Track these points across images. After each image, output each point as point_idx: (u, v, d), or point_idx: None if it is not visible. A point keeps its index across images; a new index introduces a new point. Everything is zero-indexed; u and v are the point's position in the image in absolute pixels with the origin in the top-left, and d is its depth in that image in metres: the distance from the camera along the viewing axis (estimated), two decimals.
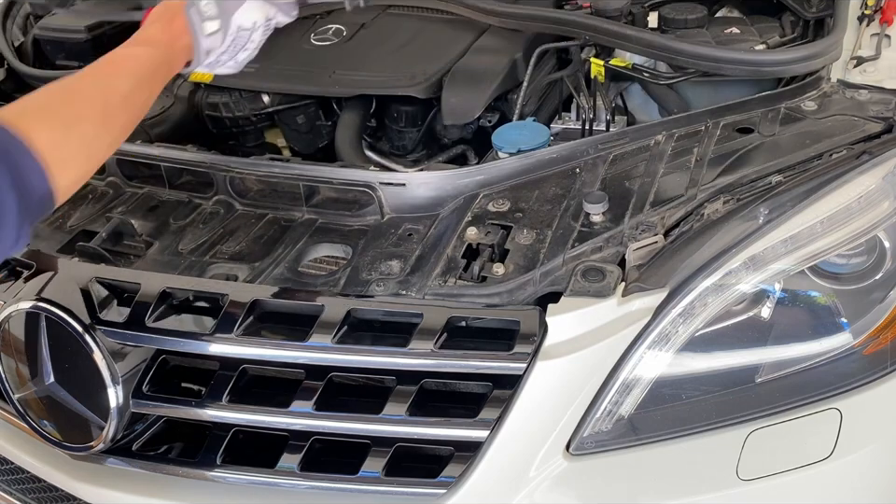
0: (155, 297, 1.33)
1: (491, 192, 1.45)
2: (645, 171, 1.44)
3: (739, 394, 1.29)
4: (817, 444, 1.26)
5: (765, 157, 1.42)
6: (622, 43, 1.76)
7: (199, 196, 1.56)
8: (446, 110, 1.78)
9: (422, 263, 1.34)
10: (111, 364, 1.32)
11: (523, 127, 1.64)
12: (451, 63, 1.85)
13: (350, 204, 1.49)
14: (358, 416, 1.28)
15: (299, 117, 1.98)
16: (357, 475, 1.28)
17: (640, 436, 1.27)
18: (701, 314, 1.25)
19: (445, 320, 1.25)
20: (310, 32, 1.99)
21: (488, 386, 1.26)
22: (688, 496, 1.25)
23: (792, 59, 1.62)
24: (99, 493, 1.40)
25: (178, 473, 1.36)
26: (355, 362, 1.28)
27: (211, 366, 1.34)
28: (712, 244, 1.26)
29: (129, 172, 1.62)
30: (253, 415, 1.31)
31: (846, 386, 1.30)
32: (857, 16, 1.85)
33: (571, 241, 1.31)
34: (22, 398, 1.40)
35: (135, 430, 1.39)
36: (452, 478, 1.26)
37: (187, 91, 1.99)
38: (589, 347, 1.22)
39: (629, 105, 1.96)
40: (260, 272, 1.37)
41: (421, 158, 1.94)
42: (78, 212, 1.57)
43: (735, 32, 1.83)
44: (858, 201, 1.30)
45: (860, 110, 1.52)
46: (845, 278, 1.36)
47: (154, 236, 1.48)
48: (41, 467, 1.47)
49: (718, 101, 1.60)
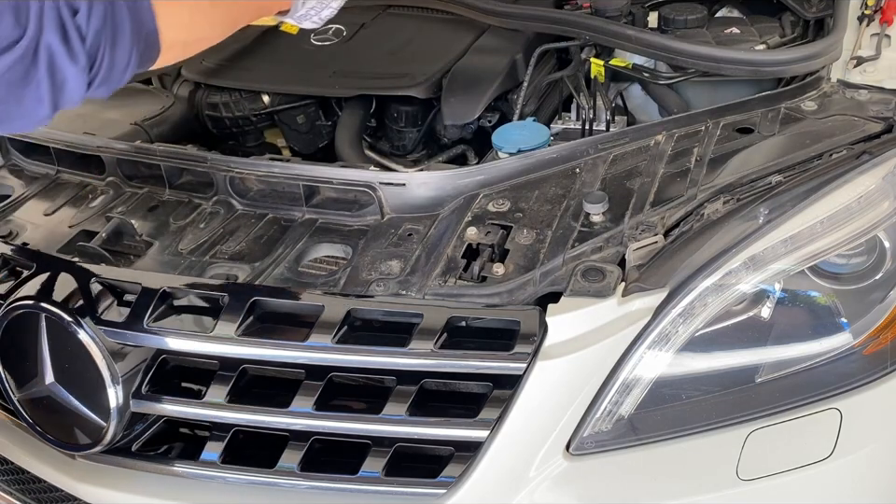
0: (155, 297, 1.33)
1: (491, 192, 1.45)
2: (645, 171, 1.44)
3: (739, 394, 1.29)
4: (817, 444, 1.26)
5: (765, 157, 1.42)
6: (622, 43, 1.76)
7: (199, 196, 1.56)
8: (446, 110, 1.79)
9: (422, 263, 1.34)
10: (111, 364, 1.32)
11: (523, 127, 1.65)
12: (451, 63, 1.86)
13: (350, 204, 1.50)
14: (358, 416, 1.28)
15: (299, 117, 1.98)
16: (356, 475, 1.28)
17: (640, 436, 1.27)
18: (701, 314, 1.25)
19: (445, 320, 1.25)
20: (310, 32, 1.99)
21: (488, 386, 1.26)
22: (688, 496, 1.25)
23: (792, 59, 1.62)
24: (99, 493, 1.40)
25: (178, 473, 1.36)
26: (355, 362, 1.28)
27: (211, 366, 1.34)
28: (712, 244, 1.26)
29: (129, 172, 1.62)
30: (253, 415, 1.31)
31: (846, 386, 1.29)
32: (857, 16, 1.85)
33: (571, 241, 1.31)
34: (22, 398, 1.40)
35: (135, 430, 1.39)
36: (452, 478, 1.26)
37: (187, 91, 1.99)
38: (589, 347, 1.21)
39: (629, 105, 1.96)
40: (260, 272, 1.37)
41: (421, 158, 1.94)
42: (78, 212, 1.57)
43: (735, 32, 1.83)
44: (858, 201, 1.30)
45: (860, 110, 1.52)
46: (845, 278, 1.36)
47: (154, 236, 1.48)
48: (41, 467, 1.47)
49: (718, 101, 1.60)
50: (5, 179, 1.74)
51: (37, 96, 0.94)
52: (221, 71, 1.98)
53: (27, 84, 0.93)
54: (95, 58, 0.98)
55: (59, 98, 0.97)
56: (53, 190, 1.65)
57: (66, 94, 0.97)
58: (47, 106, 0.96)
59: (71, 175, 1.68)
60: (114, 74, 1.01)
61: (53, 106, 0.97)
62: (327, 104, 1.98)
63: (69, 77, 0.96)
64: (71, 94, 0.98)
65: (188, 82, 2.02)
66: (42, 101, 0.95)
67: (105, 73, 1.00)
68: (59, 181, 1.68)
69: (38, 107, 0.95)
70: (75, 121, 1.80)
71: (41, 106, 0.96)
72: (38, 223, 1.55)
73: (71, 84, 0.97)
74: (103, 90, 1.03)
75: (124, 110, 1.88)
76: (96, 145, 1.64)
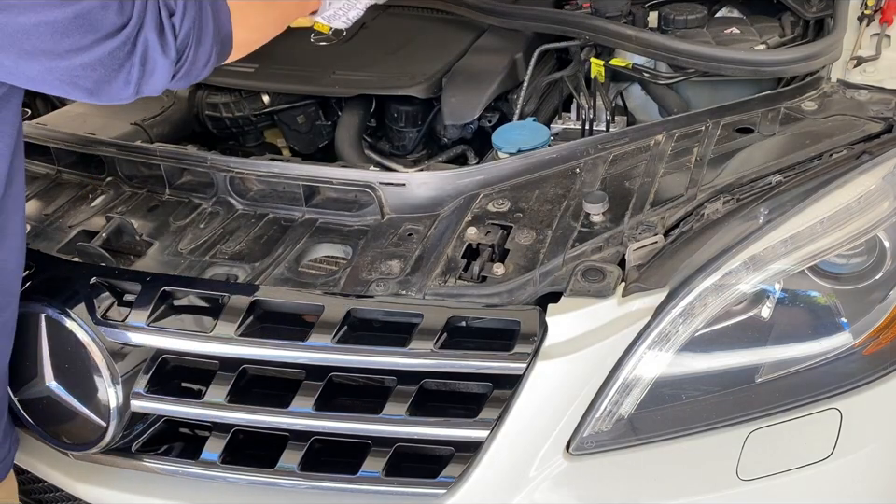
0: (155, 297, 1.33)
1: (491, 192, 1.45)
2: (645, 171, 1.44)
3: (739, 394, 1.29)
4: (817, 444, 1.26)
5: (765, 157, 1.42)
6: (622, 43, 1.76)
7: (199, 196, 1.56)
8: (446, 110, 1.79)
9: (422, 263, 1.34)
10: (111, 364, 1.32)
11: (523, 127, 1.65)
12: (451, 63, 1.86)
13: (350, 204, 1.50)
14: (358, 416, 1.28)
15: (299, 117, 1.98)
16: (356, 475, 1.28)
17: (640, 436, 1.27)
18: (701, 314, 1.25)
19: (445, 320, 1.25)
20: (310, 32, 1.99)
21: (488, 386, 1.26)
22: (688, 496, 1.25)
23: (792, 59, 1.62)
24: (99, 493, 1.41)
25: (178, 473, 1.36)
26: (355, 362, 1.28)
27: (211, 366, 1.34)
28: (712, 244, 1.26)
29: (129, 172, 1.62)
30: (253, 415, 1.31)
31: (846, 386, 1.29)
32: (857, 16, 1.85)
33: (571, 241, 1.31)
34: (22, 398, 1.40)
35: (135, 430, 1.39)
36: (452, 478, 1.26)
37: (187, 92, 1.99)
38: (589, 347, 1.21)
39: (629, 105, 1.96)
40: (260, 272, 1.37)
41: (421, 158, 1.94)
42: (78, 212, 1.57)
43: (735, 32, 1.83)
44: (858, 201, 1.30)
45: (860, 110, 1.52)
46: (845, 278, 1.36)
47: (154, 236, 1.48)
48: (41, 467, 1.47)
49: (718, 101, 1.60)
50: None
51: (127, 79, 1.08)
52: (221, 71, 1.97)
53: (122, 68, 1.06)
54: (183, 53, 1.13)
55: (144, 84, 1.10)
56: (53, 190, 1.65)
57: (152, 83, 1.11)
58: (132, 90, 1.10)
59: (71, 175, 1.68)
60: (195, 69, 1.16)
61: (137, 91, 1.10)
62: (327, 104, 1.98)
63: (158, 68, 1.10)
64: (156, 83, 1.12)
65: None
66: (129, 84, 1.09)
67: (188, 67, 1.14)
68: (59, 181, 1.68)
69: (124, 89, 1.09)
70: (75, 121, 1.81)
71: (126, 88, 1.09)
72: (38, 223, 1.55)
73: (158, 74, 1.10)
74: (182, 82, 1.17)
75: (124, 110, 1.88)
76: (96, 145, 1.64)
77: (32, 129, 1.73)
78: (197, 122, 2.00)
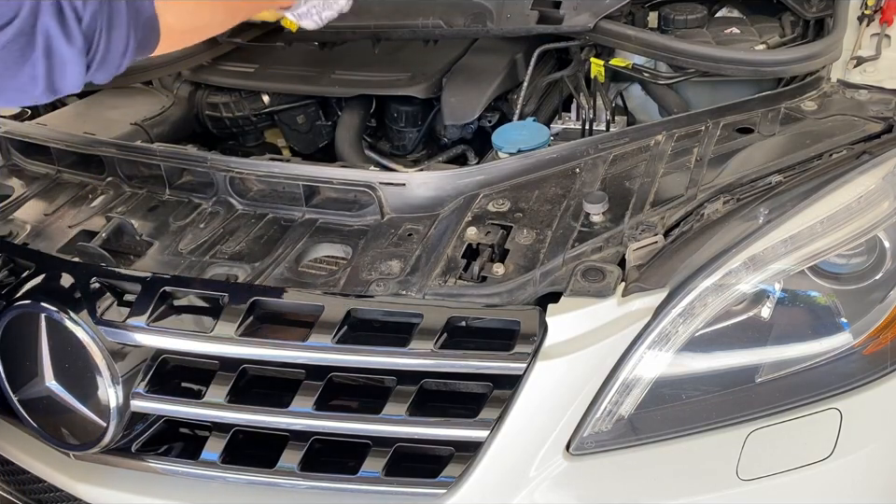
0: (155, 297, 1.33)
1: (491, 192, 1.45)
2: (645, 171, 1.44)
3: (739, 394, 1.29)
4: (817, 444, 1.26)
5: (765, 157, 1.42)
6: (622, 43, 1.76)
7: (199, 196, 1.56)
8: (446, 110, 1.79)
9: (422, 263, 1.34)
10: (111, 364, 1.32)
11: (523, 127, 1.65)
12: (451, 63, 1.86)
13: (350, 204, 1.50)
14: (358, 416, 1.28)
15: (299, 117, 1.99)
16: (357, 475, 1.28)
17: (640, 436, 1.27)
18: (701, 314, 1.25)
19: (445, 320, 1.25)
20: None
21: (488, 386, 1.26)
22: (688, 496, 1.25)
23: (792, 59, 1.62)
24: (99, 493, 1.41)
25: (178, 473, 1.36)
26: (355, 362, 1.28)
27: (211, 366, 1.34)
28: (712, 244, 1.26)
29: (129, 172, 1.62)
30: (253, 415, 1.31)
31: (846, 386, 1.29)
32: (857, 16, 1.85)
33: (571, 241, 1.31)
34: (22, 398, 1.40)
35: (135, 430, 1.39)
36: (452, 478, 1.26)
37: (187, 92, 2.00)
38: (589, 347, 1.21)
39: (629, 105, 1.96)
40: (260, 272, 1.37)
41: (421, 158, 1.94)
42: (78, 212, 1.57)
43: (735, 32, 1.83)
44: (858, 201, 1.30)
45: (860, 110, 1.52)
46: (845, 278, 1.36)
47: (154, 236, 1.48)
48: (41, 467, 1.47)
49: (718, 101, 1.60)
50: (5, 179, 1.74)
51: (32, 74, 0.98)
52: (221, 71, 1.98)
53: (24, 62, 0.97)
54: (92, 40, 1.01)
55: (55, 79, 1.00)
56: (53, 190, 1.65)
57: (66, 77, 1.01)
58: (41, 85, 1.00)
59: (71, 175, 1.68)
60: (111, 57, 1.05)
61: (49, 87, 1.00)
62: (327, 104, 1.98)
63: (67, 59, 0.99)
64: (70, 78, 1.01)
65: (188, 82, 2.02)
66: (36, 79, 0.99)
67: (102, 56, 1.03)
68: (59, 181, 1.68)
69: (32, 86, 0.99)
70: (75, 121, 1.81)
71: (35, 85, 0.99)
72: (38, 223, 1.55)
73: (70, 67, 1.00)
74: (101, 74, 1.06)
75: (124, 110, 1.88)
76: (96, 145, 1.64)
77: (32, 129, 1.74)
78: (197, 122, 2.00)
